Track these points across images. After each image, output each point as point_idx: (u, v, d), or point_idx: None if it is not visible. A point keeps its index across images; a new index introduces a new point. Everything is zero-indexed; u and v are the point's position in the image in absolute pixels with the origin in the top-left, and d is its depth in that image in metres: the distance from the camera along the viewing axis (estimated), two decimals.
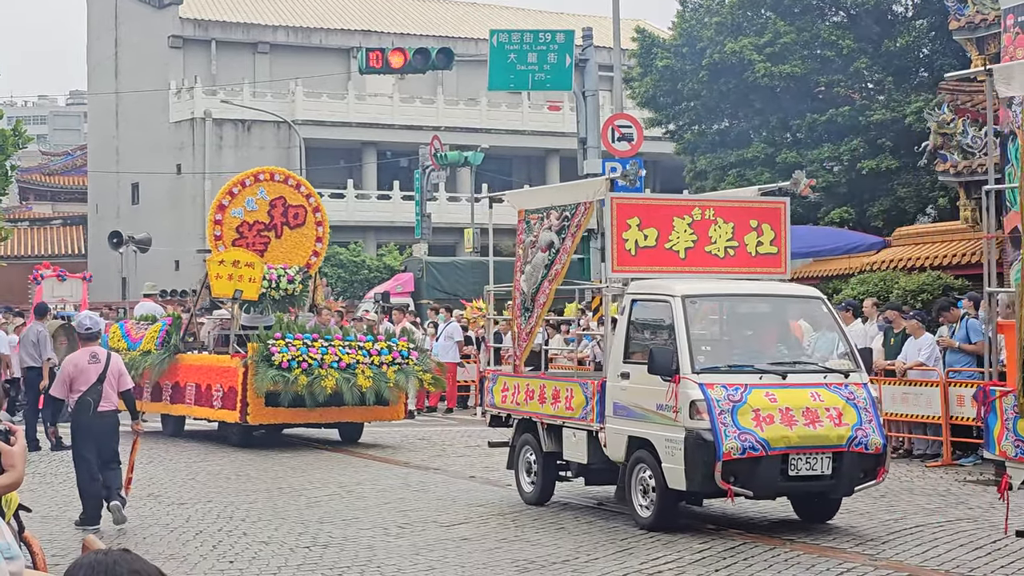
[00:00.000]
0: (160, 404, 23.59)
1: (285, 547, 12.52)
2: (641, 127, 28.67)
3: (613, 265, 14.28)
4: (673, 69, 36.51)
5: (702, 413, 12.52)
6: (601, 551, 12.17)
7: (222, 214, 23.60)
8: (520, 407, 15.39)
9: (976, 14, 24.03)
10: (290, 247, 23.75)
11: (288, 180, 24.18)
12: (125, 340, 24.34)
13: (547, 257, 15.08)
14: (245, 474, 18.27)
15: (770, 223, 14.86)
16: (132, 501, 15.40)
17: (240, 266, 22.06)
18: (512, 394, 15.58)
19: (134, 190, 62.10)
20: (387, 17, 64.91)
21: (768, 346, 13.95)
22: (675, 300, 13.28)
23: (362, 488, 16.59)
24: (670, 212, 14.60)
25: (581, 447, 14.24)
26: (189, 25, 59.96)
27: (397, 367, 21.45)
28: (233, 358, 21.59)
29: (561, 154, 59.03)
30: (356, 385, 20.87)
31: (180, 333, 23.41)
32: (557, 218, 15.03)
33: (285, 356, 20.61)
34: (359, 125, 58.54)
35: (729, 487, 12.39)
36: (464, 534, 13.15)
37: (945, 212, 32.60)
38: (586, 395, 14.11)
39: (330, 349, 21.04)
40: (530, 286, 15.36)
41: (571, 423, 14.39)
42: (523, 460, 15.31)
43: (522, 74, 27.53)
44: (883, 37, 34.18)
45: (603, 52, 41.86)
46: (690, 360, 12.85)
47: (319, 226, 24.11)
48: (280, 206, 23.74)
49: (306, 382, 20.55)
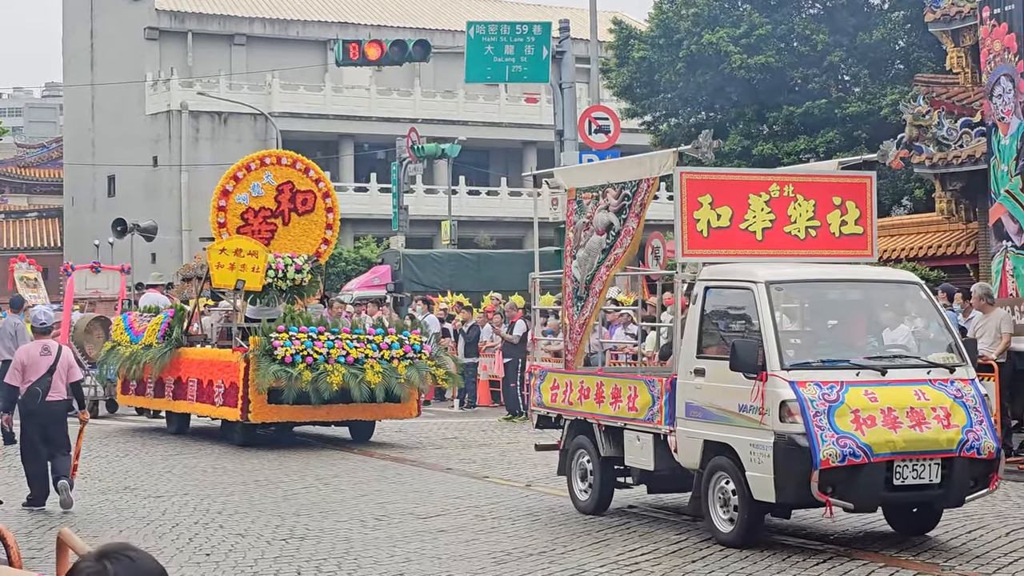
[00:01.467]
0: (163, 400, 22.69)
1: (262, 540, 12.51)
2: (618, 119, 28.69)
3: (683, 248, 12.79)
4: (650, 61, 36.55)
5: (794, 415, 11.24)
6: (578, 542, 12.19)
7: (226, 200, 22.30)
8: (573, 407, 14.04)
9: (952, 6, 24.09)
10: (298, 235, 22.52)
11: (296, 164, 22.84)
12: (128, 333, 23.50)
13: (604, 240, 13.56)
14: (222, 467, 18.24)
15: (855, 200, 13.39)
16: (108, 494, 15.42)
17: (242, 255, 21.08)
18: (564, 393, 14.21)
19: (110, 182, 61.92)
20: (364, 9, 64.82)
21: (860, 338, 12.60)
22: (758, 287, 11.94)
23: (339, 480, 16.58)
24: (745, 188, 13.11)
25: (646, 452, 12.97)
26: (165, 17, 59.79)
27: (409, 362, 20.21)
28: (235, 352, 20.47)
29: (538, 146, 59.04)
30: (364, 381, 19.64)
31: (182, 326, 22.37)
32: (615, 197, 13.51)
33: (288, 350, 19.46)
34: (336, 117, 58.44)
35: (828, 499, 11.14)
36: (441, 526, 13.16)
37: (921, 204, 32.73)
38: (653, 394, 12.79)
39: (337, 343, 19.83)
40: (584, 273, 13.89)
41: (634, 425, 13.11)
42: (577, 465, 14.02)
43: (499, 66, 27.52)
44: (859, 30, 34.27)
45: (580, 44, 41.85)
46: (778, 355, 11.52)
47: (329, 212, 22.83)
48: (287, 191, 22.50)
49: (311, 378, 19.38)
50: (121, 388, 24.42)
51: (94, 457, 19.40)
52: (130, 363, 22.74)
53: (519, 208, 59.01)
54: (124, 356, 23.07)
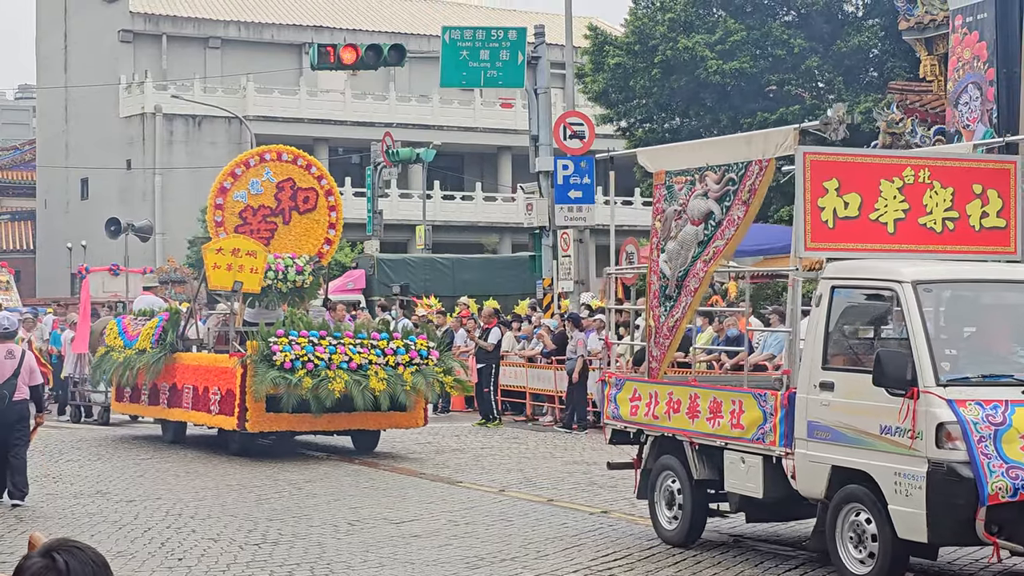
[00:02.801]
0: (157, 408, 21.70)
1: (234, 544, 12.48)
2: (593, 124, 28.73)
3: (806, 241, 11.13)
4: (625, 67, 36.61)
5: (955, 440, 9.68)
6: (551, 547, 12.20)
7: (223, 198, 21.20)
8: (659, 422, 12.42)
9: (925, 15, 24.22)
10: (299, 234, 21.42)
11: (297, 160, 21.68)
12: (122, 337, 22.48)
13: (702, 231, 11.92)
14: (194, 471, 18.18)
15: (997, 188, 11.77)
16: (80, 498, 15.39)
17: (240, 255, 20.04)
18: (647, 405, 12.61)
19: (83, 185, 61.70)
20: (339, 13, 64.74)
21: (1021, 349, 10.91)
22: (904, 288, 10.31)
23: (312, 485, 16.54)
24: (877, 173, 11.49)
25: (753, 476, 11.30)
26: (139, 19, 59.60)
27: (415, 368, 19.18)
28: (231, 358, 19.46)
29: (513, 151, 59.05)
30: (368, 388, 18.63)
31: (178, 330, 21.40)
32: (717, 181, 11.85)
33: (288, 355, 18.41)
34: (311, 121, 58.33)
35: (995, 540, 9.65)
36: (414, 531, 13.15)
37: None
38: (764, 410, 11.15)
39: (339, 348, 18.77)
40: (675, 268, 12.21)
41: (739, 445, 11.45)
42: (662, 489, 12.46)
43: (474, 71, 27.54)
44: (834, 37, 34.40)
45: (555, 49, 41.86)
46: (933, 368, 9.94)
47: (332, 211, 21.72)
48: (288, 189, 21.36)
49: (311, 385, 18.38)
50: (115, 395, 23.51)
51: (66, 461, 19.35)
52: (123, 369, 21.85)
53: (494, 213, 59.03)
54: (117, 362, 22.18)
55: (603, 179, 61.22)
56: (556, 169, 27.03)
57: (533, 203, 28.21)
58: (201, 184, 54.35)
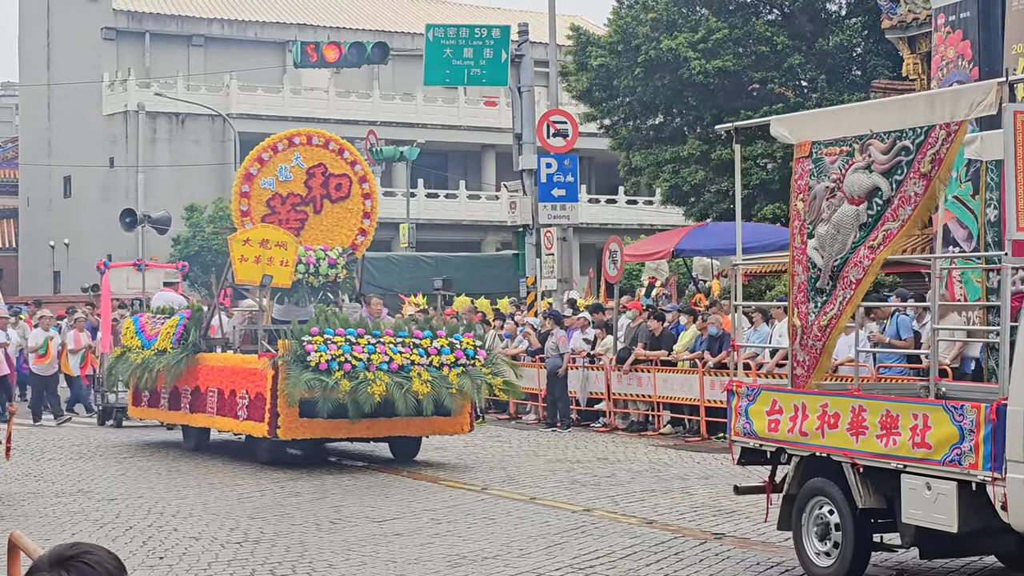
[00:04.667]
0: (179, 413, 20.16)
1: (216, 543, 12.46)
2: (576, 123, 28.75)
3: (1019, 220, 9.20)
4: (608, 67, 36.63)
5: None
6: (533, 545, 12.20)
7: (249, 185, 19.75)
8: (809, 439, 10.51)
9: (908, 13, 24.29)
10: (331, 224, 20.02)
11: (329, 144, 20.21)
12: (139, 337, 20.89)
13: (864, 211, 10.10)
14: (176, 469, 18.15)
15: None
16: (62, 497, 15.36)
17: (269, 246, 18.64)
18: (793, 419, 10.70)
19: (66, 183, 61.56)
20: (323, 11, 64.65)
21: None
22: None
23: (294, 484, 16.52)
24: None
25: (944, 506, 9.42)
26: (122, 17, 59.46)
27: (461, 369, 17.61)
28: (261, 358, 17.94)
29: (497, 149, 59.04)
30: (411, 391, 17.05)
31: (200, 328, 19.86)
32: (885, 151, 9.97)
33: (323, 356, 16.88)
34: (294, 119, 58.04)
35: None
36: (397, 529, 13.14)
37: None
38: (961, 425, 9.25)
39: (379, 347, 17.22)
40: (829, 256, 10.39)
41: (922, 468, 9.55)
42: (812, 519, 10.62)
43: (458, 69, 27.53)
44: (817, 36, 34.45)
45: (539, 48, 41.89)
46: None
47: (367, 199, 20.27)
48: (319, 175, 19.95)
49: (349, 388, 16.82)
50: (132, 399, 21.96)
51: (48, 459, 19.31)
52: (142, 371, 20.31)
53: (478, 211, 59.01)
54: (135, 363, 20.62)
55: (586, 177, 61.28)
56: (539, 167, 27.05)
57: (517, 201, 28.22)
58: (184, 182, 54.36)
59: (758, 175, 34.59)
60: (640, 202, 59.90)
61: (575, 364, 23.64)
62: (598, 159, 58.65)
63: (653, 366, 22.35)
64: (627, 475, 17.09)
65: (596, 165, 61.27)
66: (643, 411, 22.76)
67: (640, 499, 14.83)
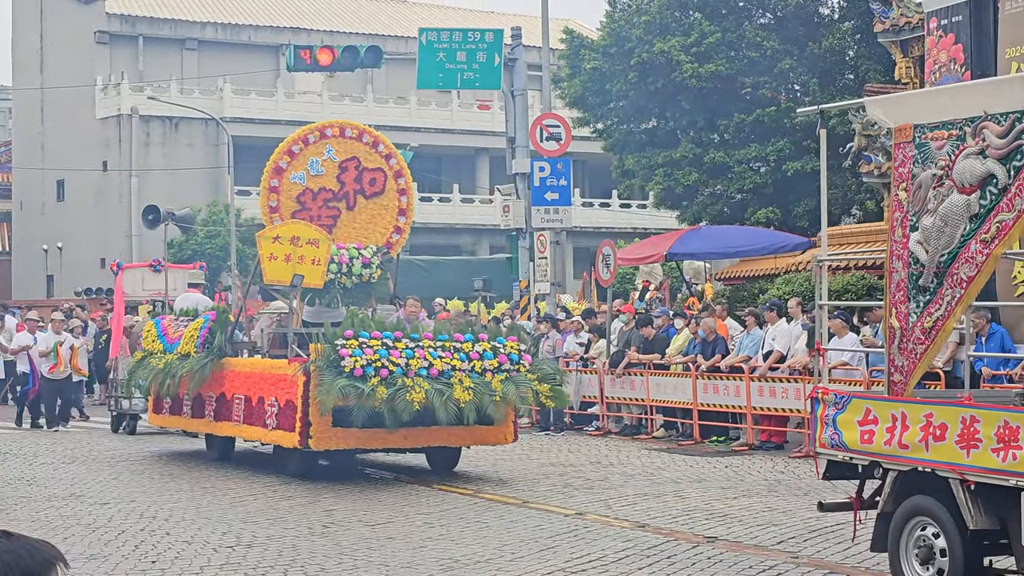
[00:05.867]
0: (202, 421, 19.18)
1: (208, 547, 12.45)
2: (569, 126, 28.76)
3: None
4: (601, 70, 36.66)
5: None
6: (525, 549, 12.19)
7: (279, 179, 18.74)
8: (908, 452, 9.56)
9: (900, 17, 24.30)
10: (365, 221, 19.05)
11: (363, 137, 19.22)
12: (161, 340, 19.86)
13: (976, 201, 9.16)
14: (168, 473, 18.13)
15: None
16: (54, 501, 15.38)
17: (301, 244, 17.58)
18: (890, 430, 9.73)
19: (59, 187, 61.55)
20: (316, 14, 64.69)
21: None
22: None
23: (286, 487, 16.51)
24: None
25: None
26: (116, 21, 59.48)
27: (505, 375, 16.50)
28: (291, 363, 16.88)
29: (491, 153, 59.09)
30: (452, 399, 15.93)
31: (226, 332, 18.85)
32: (1002, 134, 9.00)
33: (359, 361, 15.77)
34: (288, 123, 58.08)
35: None
36: (389, 533, 13.13)
37: (871, 214, 32.97)
38: None
39: (417, 352, 16.13)
40: (935, 250, 9.44)
41: None
42: (912, 540, 9.69)
43: (451, 73, 27.53)
44: (809, 39, 34.49)
45: (532, 51, 41.96)
46: None
47: (402, 195, 19.31)
48: (352, 169, 18.97)
49: (386, 395, 15.69)
50: (153, 406, 20.94)
51: (40, 463, 19.30)
52: (164, 376, 19.17)
53: (471, 215, 59.04)
54: (156, 368, 19.49)
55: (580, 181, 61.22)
56: (533, 171, 27.05)
57: (510, 205, 28.22)
58: (178, 186, 54.32)
59: (751, 179, 34.63)
60: (633, 205, 59.96)
61: (568, 368, 23.64)
62: (591, 162, 58.68)
63: (646, 369, 22.37)
64: (620, 479, 17.09)
65: (589, 168, 61.30)
66: (636, 415, 22.76)
67: (633, 503, 14.83)
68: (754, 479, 16.83)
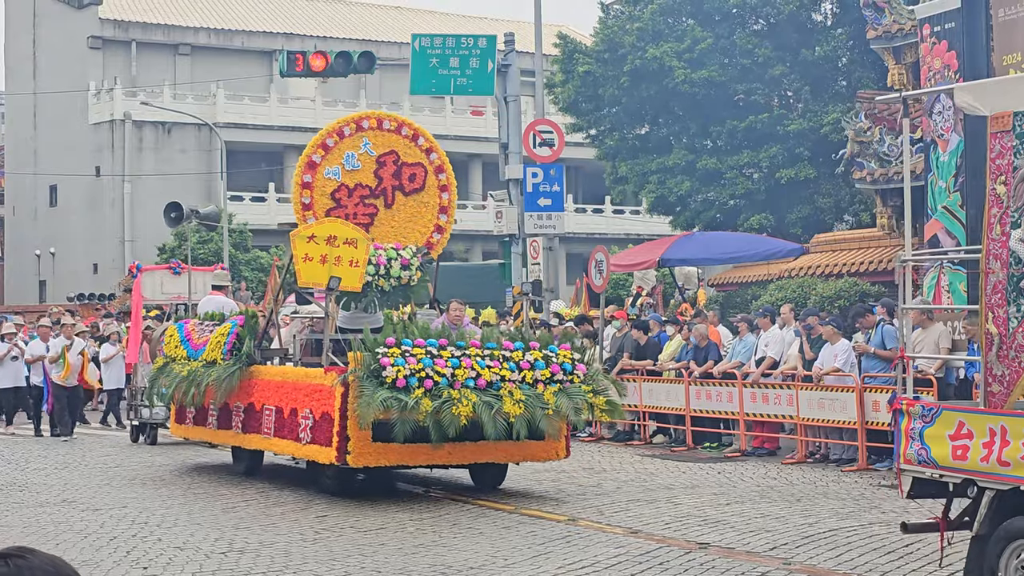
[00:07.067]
0: (229, 433, 18.01)
1: (200, 553, 12.43)
2: (562, 132, 28.78)
3: None
4: (594, 75, 36.68)
5: None
6: (518, 555, 12.18)
7: (312, 174, 17.48)
8: (1009, 470, 8.70)
9: (893, 23, 24.33)
10: (404, 220, 17.82)
11: (402, 129, 17.95)
12: (185, 346, 18.83)
13: None
14: (160, 479, 18.11)
15: None
16: (46, 507, 15.37)
17: (338, 244, 16.39)
18: (987, 446, 8.88)
19: (52, 192, 61.48)
20: (309, 20, 64.68)
21: None
22: None
23: (279, 493, 16.49)
24: None
25: None
26: (109, 26, 59.43)
27: (558, 386, 15.33)
28: (327, 373, 15.71)
29: (484, 159, 59.09)
30: (502, 412, 14.81)
31: (255, 337, 17.70)
32: None
33: (401, 371, 14.64)
34: (281, 128, 58.25)
35: None
36: (382, 539, 13.11)
37: (863, 222, 33.02)
38: None
39: (464, 361, 14.99)
40: None
41: None
42: (1012, 568, 8.89)
43: (444, 78, 27.51)
44: (801, 46, 34.54)
45: (525, 57, 41.92)
46: None
47: (444, 192, 18.16)
48: (391, 164, 17.76)
49: (431, 408, 14.58)
50: (175, 416, 19.72)
51: (32, 469, 19.27)
52: (188, 385, 18.07)
53: (464, 221, 58.94)
54: (180, 375, 18.43)
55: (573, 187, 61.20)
56: (526, 177, 27.06)
57: (503, 211, 28.22)
58: (171, 191, 54.23)
59: (743, 185, 34.66)
60: (627, 211, 59.97)
61: None
62: (584, 168, 58.70)
63: (639, 376, 22.37)
64: (613, 485, 17.08)
65: (582, 174, 61.33)
66: (629, 421, 22.73)
67: (626, 509, 14.82)
68: (747, 485, 16.83)
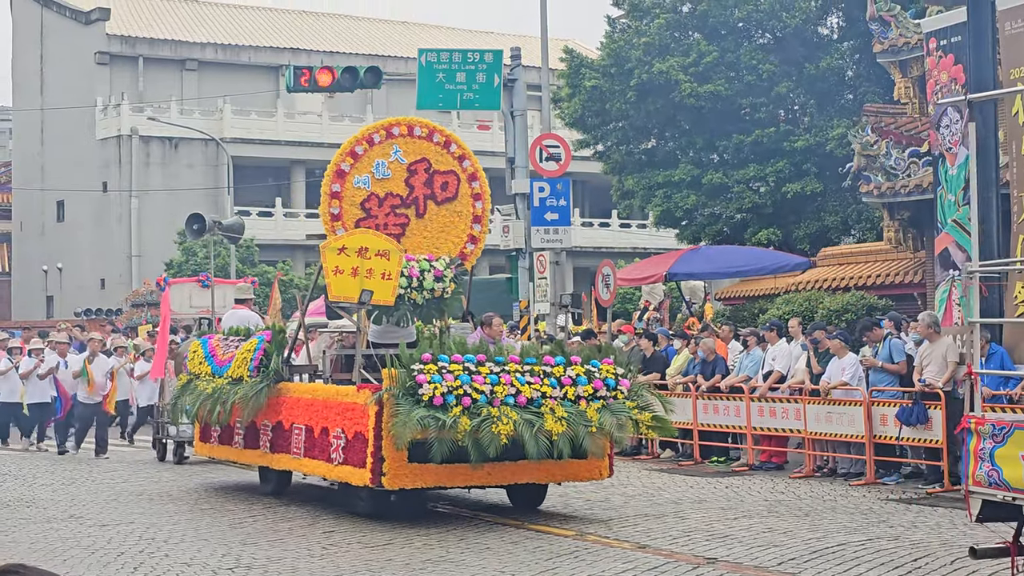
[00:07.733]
0: (256, 452, 17.29)
1: (207, 569, 12.42)
2: (569, 147, 28.76)
3: None
4: (601, 89, 36.69)
5: None
6: (525, 570, 12.16)
7: (341, 184, 16.99)
8: None
9: (899, 37, 24.33)
10: (437, 230, 17.23)
11: (433, 136, 17.31)
12: (209, 362, 18.16)
13: None
14: (168, 494, 18.10)
15: None
16: (53, 523, 15.36)
17: (369, 256, 15.70)
18: None
19: (59, 207, 61.60)
20: (315, 35, 64.82)
21: None
22: None
23: (286, 509, 16.48)
24: None
25: None
26: (116, 41, 59.58)
27: (601, 403, 14.70)
28: (360, 390, 15.04)
29: (490, 173, 58.70)
30: (543, 430, 14.14)
31: (283, 353, 17.05)
32: None
33: (438, 388, 14.01)
34: (288, 143, 58.37)
35: None
36: (389, 555, 13.09)
37: (870, 237, 33.01)
38: None
39: (503, 377, 14.34)
40: None
41: None
42: None
43: (451, 93, 27.51)
44: (807, 60, 34.53)
45: (531, 72, 42.00)
46: None
47: (477, 200, 17.54)
48: (422, 172, 17.16)
49: (470, 427, 13.92)
50: (200, 434, 19.11)
51: (40, 485, 19.27)
52: (213, 402, 17.42)
53: None
54: (204, 393, 17.80)
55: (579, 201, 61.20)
56: (532, 191, 27.05)
57: (509, 225, 28.20)
58: (178, 206, 54.35)
59: (751, 199, 34.64)
60: (633, 225, 59.99)
61: None
62: (591, 182, 58.72)
63: (646, 389, 22.28)
64: (620, 499, 17.06)
65: (589, 188, 61.34)
66: (636, 435, 22.64)
67: (633, 524, 14.80)
68: (754, 500, 16.80)
